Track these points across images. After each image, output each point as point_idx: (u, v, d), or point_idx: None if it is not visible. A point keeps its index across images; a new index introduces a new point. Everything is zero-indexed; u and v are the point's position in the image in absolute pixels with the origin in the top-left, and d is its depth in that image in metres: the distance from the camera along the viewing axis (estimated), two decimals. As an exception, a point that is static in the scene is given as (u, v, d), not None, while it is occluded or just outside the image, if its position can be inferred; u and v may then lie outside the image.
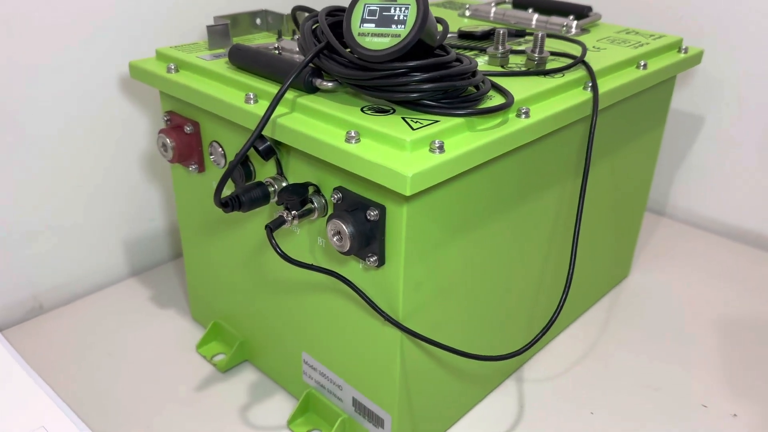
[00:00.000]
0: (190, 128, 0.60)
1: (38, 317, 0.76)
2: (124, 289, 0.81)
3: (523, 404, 0.66)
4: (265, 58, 0.53)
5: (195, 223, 0.68)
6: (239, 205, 0.51)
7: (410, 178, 0.41)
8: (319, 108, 0.49)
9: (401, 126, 0.45)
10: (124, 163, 0.79)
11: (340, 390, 0.59)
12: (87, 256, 0.80)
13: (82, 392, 0.65)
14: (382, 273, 0.49)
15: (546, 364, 0.71)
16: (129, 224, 0.82)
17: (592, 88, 0.57)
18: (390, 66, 0.46)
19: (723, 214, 0.98)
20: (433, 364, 0.56)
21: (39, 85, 0.69)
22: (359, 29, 0.47)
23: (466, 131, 0.48)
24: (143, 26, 0.74)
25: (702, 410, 0.66)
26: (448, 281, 0.53)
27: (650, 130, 0.75)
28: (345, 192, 0.48)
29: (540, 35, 0.58)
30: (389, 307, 0.50)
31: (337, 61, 0.49)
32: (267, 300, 0.62)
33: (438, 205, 0.48)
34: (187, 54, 0.61)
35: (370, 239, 0.48)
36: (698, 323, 0.78)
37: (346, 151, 0.45)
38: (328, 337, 0.57)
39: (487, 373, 0.65)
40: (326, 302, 0.55)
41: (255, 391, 0.66)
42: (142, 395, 0.65)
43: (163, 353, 0.71)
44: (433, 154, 0.44)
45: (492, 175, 0.52)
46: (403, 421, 0.55)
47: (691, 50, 0.72)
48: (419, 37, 0.45)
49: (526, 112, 0.51)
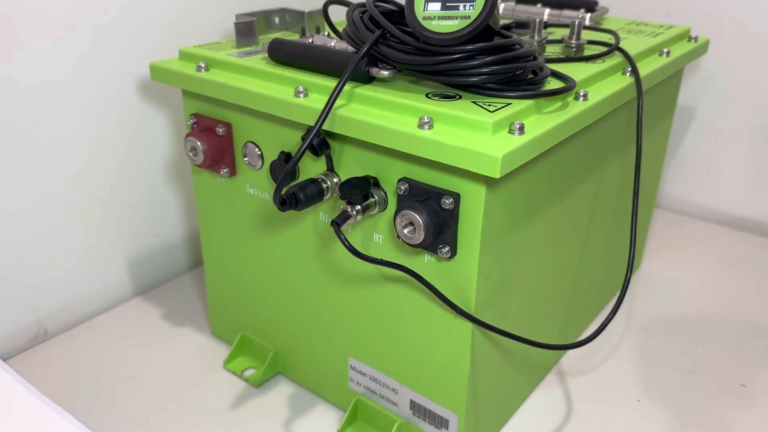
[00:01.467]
0: (223, 130, 0.57)
1: (44, 343, 0.71)
2: (131, 310, 0.77)
3: (570, 397, 0.65)
4: (316, 51, 0.51)
5: (220, 231, 0.64)
6: (296, 203, 0.49)
7: (501, 160, 0.40)
8: (382, 97, 0.47)
9: (476, 109, 0.44)
10: (127, 181, 0.75)
11: (395, 394, 0.57)
12: (91, 277, 0.75)
13: (105, 419, 0.61)
14: (454, 264, 0.47)
15: (581, 356, 0.70)
16: (132, 242, 0.78)
17: (632, 72, 0.57)
18: (457, 49, 0.45)
19: (717, 202, 1.01)
20: (498, 357, 0.54)
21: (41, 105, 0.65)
22: (423, 13, 0.46)
23: (535, 114, 0.47)
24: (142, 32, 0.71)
25: (740, 389, 0.66)
26: (516, 270, 0.52)
27: (664, 119, 0.76)
28: (411, 182, 0.47)
29: (577, 22, 0.58)
30: (461, 300, 0.48)
31: (395, 47, 0.47)
32: (310, 305, 0.60)
33: (509, 190, 0.47)
34: (215, 52, 0.58)
35: (443, 229, 0.46)
36: (715, 307, 0.79)
37: (421, 137, 0.43)
38: (382, 338, 0.55)
39: (533, 368, 0.64)
40: (385, 300, 0.53)
41: (295, 404, 0.63)
42: (174, 417, 0.61)
43: (188, 373, 0.67)
44: (513, 135, 0.43)
45: (555, 157, 0.51)
46: (469, 420, 0.53)
47: (700, 39, 0.74)
48: (489, 20, 0.44)
49: (585, 95, 0.50)
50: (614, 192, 0.67)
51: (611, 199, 0.67)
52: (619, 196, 0.70)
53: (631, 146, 0.68)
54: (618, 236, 0.74)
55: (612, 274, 0.77)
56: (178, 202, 0.81)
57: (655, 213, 1.02)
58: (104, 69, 0.69)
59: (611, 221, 0.70)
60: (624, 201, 0.72)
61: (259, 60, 0.56)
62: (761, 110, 0.93)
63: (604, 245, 0.69)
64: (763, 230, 0.98)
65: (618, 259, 0.77)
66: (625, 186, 0.71)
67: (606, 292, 0.78)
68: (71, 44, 0.65)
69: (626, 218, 0.75)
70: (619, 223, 0.73)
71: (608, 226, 0.69)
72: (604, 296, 0.78)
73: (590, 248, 0.66)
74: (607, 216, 0.67)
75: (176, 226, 0.82)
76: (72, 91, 0.67)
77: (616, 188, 0.68)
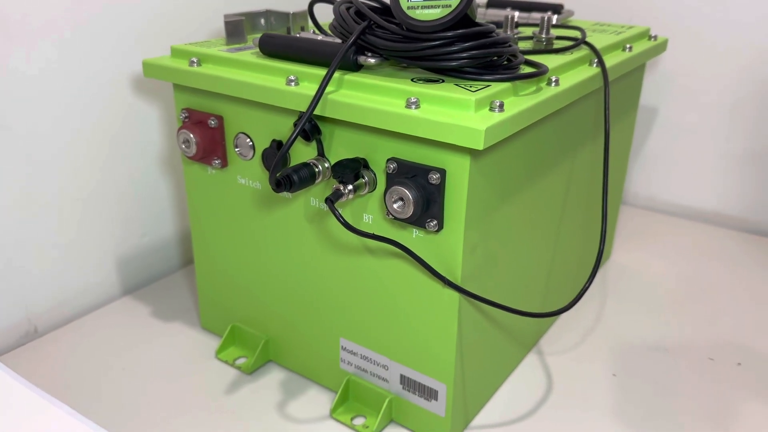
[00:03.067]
0: (215, 122, 0.60)
1: (34, 341, 0.72)
2: (121, 307, 0.78)
3: (551, 373, 0.68)
4: (305, 42, 0.54)
5: (211, 223, 0.67)
6: (290, 185, 0.51)
7: (484, 132, 0.44)
8: (370, 82, 0.50)
9: (459, 90, 0.48)
10: (115, 180, 0.77)
11: (385, 370, 0.59)
12: (81, 275, 0.76)
13: (98, 409, 0.62)
14: (441, 238, 0.51)
15: (556, 337, 0.74)
16: (121, 241, 0.79)
17: (599, 63, 0.61)
18: (439, 36, 0.49)
19: (681, 197, 1.06)
20: (484, 328, 0.57)
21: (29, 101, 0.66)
22: (408, 3, 0.49)
23: (512, 96, 0.51)
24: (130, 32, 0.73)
25: (709, 363, 0.70)
26: (499, 244, 0.55)
27: (628, 113, 0.81)
28: (400, 161, 0.50)
29: (546, 18, 0.62)
30: (448, 271, 0.51)
31: (381, 36, 0.51)
32: (301, 289, 0.62)
33: (491, 166, 0.50)
34: (206, 49, 0.61)
35: (430, 204, 0.49)
36: (681, 291, 0.83)
37: (410, 116, 0.46)
38: (373, 316, 0.58)
39: (516, 345, 0.67)
40: (376, 278, 0.56)
41: (288, 388, 0.65)
42: (167, 405, 0.62)
43: (180, 364, 0.68)
44: (494, 112, 0.47)
45: (532, 138, 0.55)
46: (457, 390, 0.56)
47: (659, 38, 0.79)
48: (469, 6, 0.48)
49: (557, 81, 0.54)
50: (586, 178, 0.72)
51: (584, 184, 0.71)
52: (591, 183, 0.74)
53: (600, 135, 0.72)
54: (591, 222, 0.78)
55: (586, 260, 0.81)
56: (168, 200, 0.83)
57: (623, 209, 1.07)
58: (91, 67, 0.71)
59: (584, 207, 0.74)
60: (595, 188, 0.76)
61: (250, 54, 0.59)
62: (721, 108, 0.99)
63: (579, 228, 0.73)
64: (724, 222, 1.03)
65: (592, 247, 0.81)
66: (596, 174, 0.75)
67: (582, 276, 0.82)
68: (58, 40, 0.67)
69: (598, 203, 0.79)
70: (592, 210, 0.77)
71: (582, 211, 0.73)
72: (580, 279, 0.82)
73: (567, 228, 0.70)
74: (581, 200, 0.71)
75: (167, 225, 0.84)
76: (60, 86, 0.69)
77: (587, 175, 0.72)
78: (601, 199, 0.79)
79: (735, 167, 1.00)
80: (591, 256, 0.81)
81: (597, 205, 0.78)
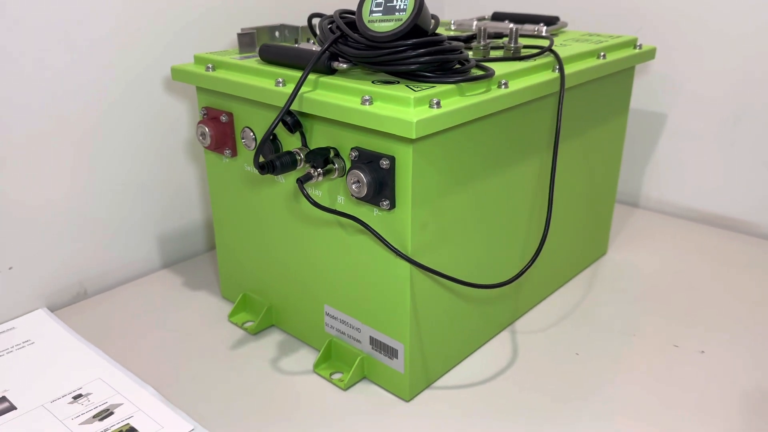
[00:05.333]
0: (225, 118, 0.72)
1: (83, 301, 0.86)
2: (160, 278, 0.91)
3: (517, 348, 0.75)
4: (291, 50, 0.65)
5: (226, 204, 0.78)
6: (273, 168, 0.62)
7: (415, 124, 0.53)
8: (337, 83, 0.60)
9: (406, 90, 0.57)
10: (162, 167, 0.90)
11: (358, 332, 0.69)
12: (127, 248, 0.90)
13: (137, 355, 0.74)
14: (393, 215, 0.60)
15: (537, 319, 0.81)
16: (165, 221, 0.93)
17: (559, 69, 0.69)
18: (394, 44, 0.58)
19: (690, 200, 1.10)
20: (439, 297, 0.66)
21: (87, 97, 0.80)
22: (369, 17, 0.59)
23: (457, 95, 0.59)
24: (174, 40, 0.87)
25: (674, 349, 0.75)
26: (450, 224, 0.64)
27: (615, 117, 0.87)
28: (361, 150, 0.59)
29: (514, 28, 0.70)
30: (400, 244, 0.60)
31: (350, 45, 0.61)
32: (293, 260, 0.72)
33: (438, 156, 0.59)
34: (221, 57, 0.73)
35: (383, 186, 0.59)
36: (667, 284, 0.88)
37: (363, 111, 0.56)
38: (347, 284, 0.67)
39: (486, 320, 0.74)
40: (347, 250, 0.66)
41: (283, 348, 0.76)
42: (187, 356, 0.74)
43: (201, 325, 0.80)
44: (432, 109, 0.55)
45: (482, 134, 0.63)
46: (414, 350, 0.65)
47: (645, 47, 0.85)
48: (416, 21, 0.57)
49: (506, 84, 0.62)
50: (560, 178, 0.78)
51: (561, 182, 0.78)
52: (569, 182, 0.81)
53: (580, 134, 0.79)
54: (578, 217, 0.85)
55: (574, 253, 0.87)
56: (203, 189, 0.96)
57: (633, 212, 1.12)
58: (142, 71, 0.85)
59: (568, 201, 0.81)
60: (574, 187, 0.82)
61: (254, 61, 0.70)
62: (729, 114, 1.02)
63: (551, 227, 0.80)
64: (734, 226, 1.06)
65: (579, 240, 0.88)
66: (574, 173, 0.82)
67: (569, 269, 0.88)
68: (106, 48, 0.81)
69: (583, 202, 0.86)
70: (576, 205, 0.84)
71: (566, 205, 0.80)
72: (567, 271, 0.88)
73: (539, 214, 0.77)
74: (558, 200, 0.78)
75: (200, 210, 0.97)
76: (113, 90, 0.83)
77: (565, 173, 0.79)
78: (583, 194, 0.86)
79: (741, 171, 1.03)
80: (579, 251, 0.88)
81: (578, 203, 0.85)
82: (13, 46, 0.73)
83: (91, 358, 0.73)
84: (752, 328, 0.79)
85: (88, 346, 0.75)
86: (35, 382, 0.69)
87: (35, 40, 0.74)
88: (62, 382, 0.69)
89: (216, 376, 0.71)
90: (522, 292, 0.79)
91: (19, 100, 0.75)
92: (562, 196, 0.81)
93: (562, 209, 0.82)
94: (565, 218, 0.83)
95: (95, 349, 0.75)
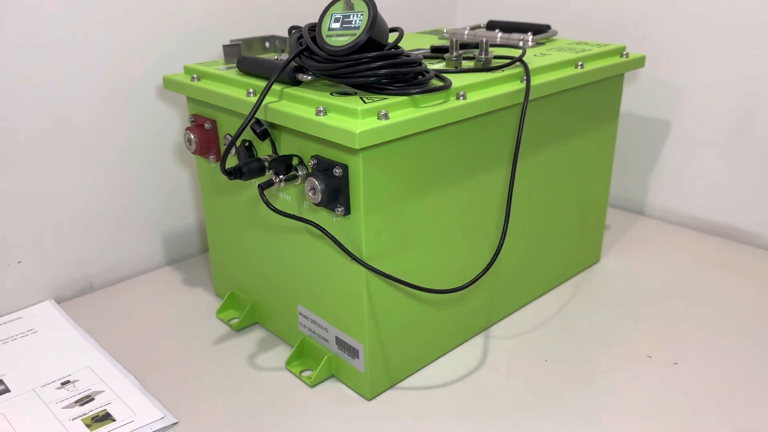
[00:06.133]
0: (209, 125, 0.76)
1: (88, 294, 0.92)
2: (161, 275, 0.96)
3: (488, 353, 0.77)
4: (262, 62, 0.69)
5: (214, 206, 0.83)
6: (240, 174, 0.65)
7: (358, 135, 0.55)
8: (298, 94, 0.63)
9: (357, 102, 0.59)
10: (162, 171, 0.95)
11: (326, 332, 0.72)
12: (131, 246, 0.95)
13: (127, 347, 0.79)
14: (349, 221, 0.62)
15: (512, 325, 0.82)
16: (167, 221, 0.98)
17: (526, 80, 0.70)
18: (350, 58, 0.61)
19: (693, 209, 1.08)
20: (398, 300, 0.68)
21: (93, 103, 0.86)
22: (327, 32, 0.62)
23: (410, 107, 0.61)
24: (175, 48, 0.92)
25: (645, 360, 0.75)
26: (410, 231, 0.66)
27: (603, 125, 0.87)
28: (319, 159, 0.62)
29: (485, 40, 0.72)
30: (355, 249, 0.63)
31: (313, 58, 0.64)
32: (270, 262, 0.76)
33: (391, 164, 0.61)
34: (206, 67, 0.77)
35: (338, 193, 0.61)
36: (654, 294, 0.88)
37: (316, 121, 0.59)
38: (315, 286, 0.70)
39: (455, 325, 0.76)
40: (311, 252, 0.69)
41: (262, 345, 0.79)
42: (173, 348, 0.79)
43: (192, 319, 0.85)
44: (380, 120, 0.58)
45: (440, 143, 0.65)
46: (374, 350, 0.67)
47: (633, 55, 0.85)
48: (370, 35, 0.59)
49: (464, 95, 0.64)
50: (538, 186, 0.79)
51: (533, 192, 0.79)
52: (548, 189, 0.81)
53: (562, 141, 0.80)
54: (561, 225, 0.85)
55: (559, 260, 0.88)
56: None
57: (637, 219, 1.11)
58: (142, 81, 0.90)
59: (547, 209, 0.82)
60: (555, 194, 0.83)
61: (233, 72, 0.74)
62: (734, 122, 1.00)
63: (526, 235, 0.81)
64: (738, 236, 1.04)
65: (563, 248, 0.88)
66: (555, 180, 0.82)
67: (553, 276, 0.89)
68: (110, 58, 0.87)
69: (567, 210, 0.86)
70: (559, 213, 0.85)
71: (531, 211, 0.81)
72: (550, 279, 0.89)
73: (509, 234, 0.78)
74: (532, 201, 0.79)
75: (200, 211, 1.02)
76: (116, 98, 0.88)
77: (544, 181, 0.80)
78: (567, 201, 0.86)
79: (746, 181, 1.01)
80: (549, 253, 0.88)
81: (551, 213, 0.85)
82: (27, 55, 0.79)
83: (84, 347, 0.78)
84: (732, 342, 0.78)
85: (84, 337, 0.80)
86: (31, 368, 0.75)
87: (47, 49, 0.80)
88: (55, 369, 0.74)
89: (195, 368, 0.75)
90: (496, 299, 0.80)
91: (26, 106, 0.81)
92: (540, 204, 0.81)
93: (541, 217, 0.83)
94: (543, 226, 0.84)
95: (90, 339, 0.80)
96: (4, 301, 0.85)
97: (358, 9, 0.61)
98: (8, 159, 0.81)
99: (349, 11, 0.62)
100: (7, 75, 0.78)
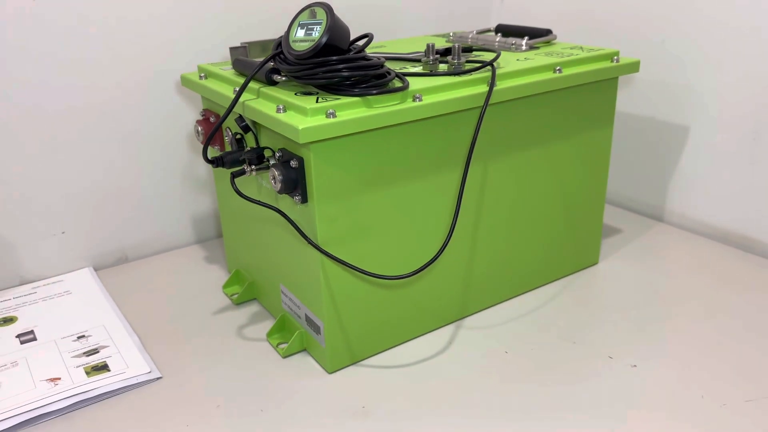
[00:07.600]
0: (214, 119, 0.85)
1: (123, 264, 1.04)
2: (189, 252, 1.08)
3: (452, 342, 0.81)
4: (247, 63, 0.77)
5: (224, 194, 0.92)
6: (222, 163, 0.74)
7: (300, 131, 0.62)
8: (270, 93, 0.71)
9: (311, 101, 0.66)
10: (196, 159, 1.06)
11: (299, 309, 0.79)
12: (163, 225, 1.07)
13: (142, 311, 0.91)
14: (307, 208, 0.69)
15: (487, 318, 0.86)
16: (196, 204, 1.09)
17: (490, 84, 0.74)
18: (311, 61, 0.67)
19: (709, 217, 1.06)
20: (354, 283, 0.74)
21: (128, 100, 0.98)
22: (294, 38, 0.69)
23: (363, 107, 0.67)
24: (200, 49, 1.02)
25: (606, 360, 0.77)
26: (367, 220, 0.72)
27: (593, 127, 0.88)
28: (283, 151, 0.70)
29: (457, 46, 0.76)
30: (312, 234, 0.70)
31: (284, 61, 0.71)
32: (260, 245, 0.84)
33: (343, 159, 0.67)
34: (213, 67, 0.86)
35: (296, 183, 0.68)
36: (640, 298, 0.88)
37: (275, 117, 0.66)
38: (289, 267, 0.78)
39: (424, 313, 0.81)
40: (283, 237, 0.76)
41: (254, 318, 0.88)
42: (178, 316, 0.89)
43: (202, 292, 0.95)
44: (327, 118, 0.64)
45: (397, 141, 0.70)
46: (332, 327, 0.74)
47: (625, 60, 0.86)
48: (325, 41, 0.66)
49: (419, 97, 0.69)
50: (517, 186, 0.83)
51: (511, 191, 0.82)
52: (527, 190, 0.84)
53: (544, 144, 0.83)
54: (545, 226, 0.88)
55: (544, 260, 0.90)
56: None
57: (653, 225, 1.10)
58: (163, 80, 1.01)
59: (517, 214, 0.85)
60: (535, 195, 0.86)
61: (231, 72, 0.82)
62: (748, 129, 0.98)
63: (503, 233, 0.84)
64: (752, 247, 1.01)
65: (550, 248, 0.90)
66: (536, 182, 0.85)
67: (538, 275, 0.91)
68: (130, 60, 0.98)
69: (552, 211, 0.89)
70: (533, 217, 0.87)
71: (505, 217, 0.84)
72: (535, 278, 0.92)
73: (485, 224, 0.82)
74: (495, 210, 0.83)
75: (228, 197, 1.12)
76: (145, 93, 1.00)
77: (520, 183, 0.83)
78: (551, 203, 0.89)
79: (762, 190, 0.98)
80: (531, 253, 0.90)
81: (542, 209, 0.88)
82: (88, 45, 0.92)
83: (105, 309, 0.90)
84: (702, 349, 0.77)
85: (108, 300, 0.92)
86: (58, 322, 0.87)
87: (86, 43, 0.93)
88: (76, 325, 0.86)
89: (190, 333, 0.85)
90: (471, 291, 0.84)
91: (70, 102, 0.94)
92: (519, 204, 0.84)
93: (520, 216, 0.85)
94: (524, 225, 0.86)
95: (112, 302, 0.92)
96: (49, 266, 0.99)
97: (319, 18, 0.68)
98: (60, 142, 0.94)
99: (311, 20, 0.68)
100: (78, 62, 0.91)
